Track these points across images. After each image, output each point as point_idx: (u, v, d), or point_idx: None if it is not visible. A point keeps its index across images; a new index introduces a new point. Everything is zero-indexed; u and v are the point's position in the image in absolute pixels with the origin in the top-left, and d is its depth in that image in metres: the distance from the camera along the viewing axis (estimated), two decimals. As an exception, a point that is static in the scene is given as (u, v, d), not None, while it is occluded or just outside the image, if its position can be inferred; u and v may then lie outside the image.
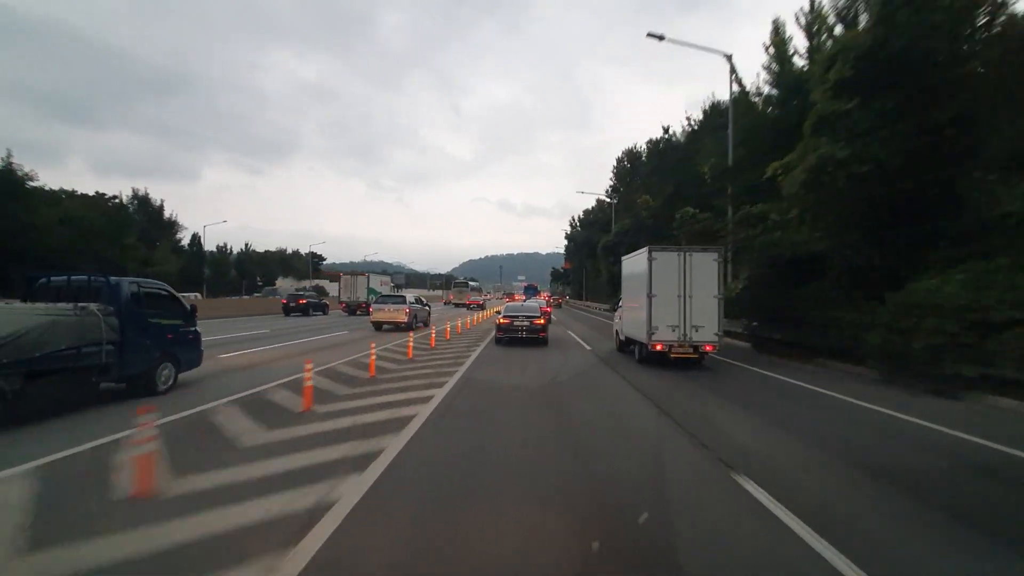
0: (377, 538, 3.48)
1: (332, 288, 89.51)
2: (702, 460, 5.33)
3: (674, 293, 11.86)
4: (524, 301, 26.80)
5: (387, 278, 49.73)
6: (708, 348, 11.90)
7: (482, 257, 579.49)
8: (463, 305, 48.59)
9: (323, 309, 33.15)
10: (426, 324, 23.59)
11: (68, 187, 51.71)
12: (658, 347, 11.78)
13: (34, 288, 7.50)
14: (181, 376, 8.36)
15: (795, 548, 3.47)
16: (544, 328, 16.58)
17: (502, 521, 3.78)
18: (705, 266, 11.92)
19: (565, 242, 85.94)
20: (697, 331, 11.74)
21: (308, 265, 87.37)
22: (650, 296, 11.93)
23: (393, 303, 22.61)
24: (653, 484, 4.57)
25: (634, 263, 13.86)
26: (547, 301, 37.25)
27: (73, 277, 7.56)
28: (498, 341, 16.62)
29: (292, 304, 30.88)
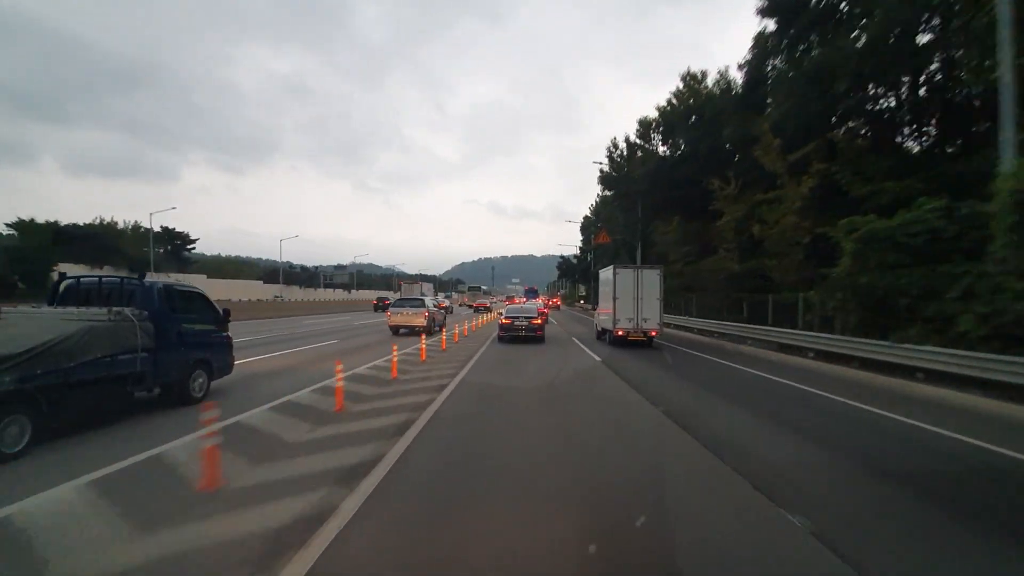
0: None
1: (216, 287, 62.45)
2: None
3: (631, 296, 16.44)
4: (524, 304, 28.37)
5: (430, 285, 56.13)
6: (653, 333, 16.58)
7: (475, 260, 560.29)
8: (473, 307, 51.15)
9: None
10: (443, 327, 21.77)
11: (44, 187, 38.00)
12: (620, 333, 16.36)
13: (62, 291, 6.86)
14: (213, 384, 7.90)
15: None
16: (541, 328, 18.05)
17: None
18: (652, 278, 16.77)
19: (600, 192, 50.77)
20: (646, 321, 16.42)
21: (151, 248, 53.19)
22: (615, 298, 16.50)
23: (412, 307, 20.98)
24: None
25: (605, 275, 18.65)
26: (545, 303, 42.33)
27: (104, 279, 6.98)
28: (500, 339, 17.80)
29: (380, 304, 42.87)
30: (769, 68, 24.40)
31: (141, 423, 6.32)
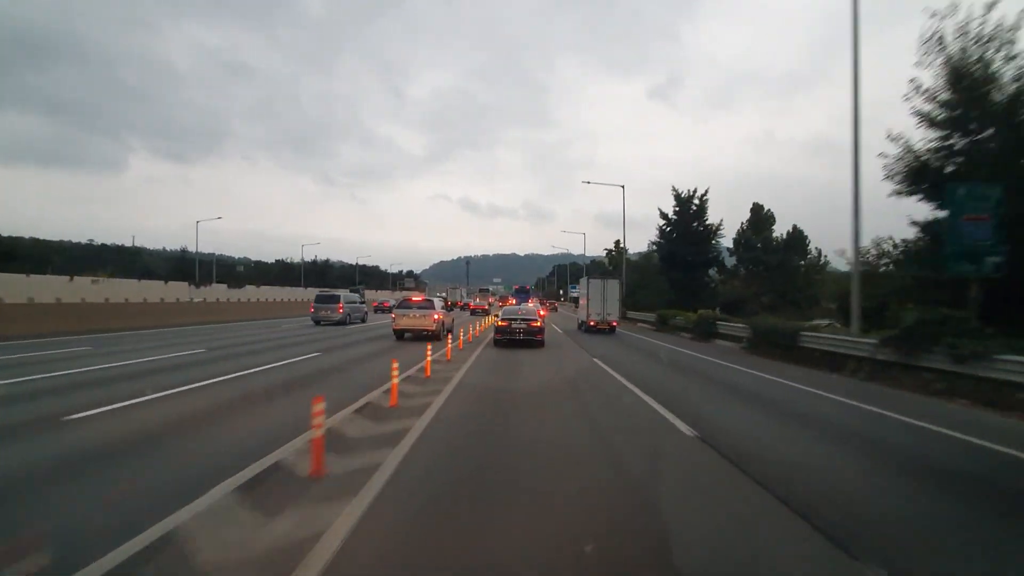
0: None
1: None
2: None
3: (599, 297, 23.71)
4: (517, 304, 27.30)
5: (463, 289, 61.45)
6: (614, 323, 23.92)
7: (454, 258, 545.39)
8: (470, 309, 49.52)
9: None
10: (451, 331, 19.26)
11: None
12: (591, 323, 23.71)
13: None
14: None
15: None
16: (541, 331, 17.23)
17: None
18: (613, 284, 24.10)
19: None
20: (609, 315, 23.72)
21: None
22: (587, 299, 24.15)
23: (419, 308, 18.20)
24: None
25: (582, 282, 27.43)
26: (540, 304, 41.66)
27: None
28: (496, 343, 17.01)
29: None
30: None
31: None
